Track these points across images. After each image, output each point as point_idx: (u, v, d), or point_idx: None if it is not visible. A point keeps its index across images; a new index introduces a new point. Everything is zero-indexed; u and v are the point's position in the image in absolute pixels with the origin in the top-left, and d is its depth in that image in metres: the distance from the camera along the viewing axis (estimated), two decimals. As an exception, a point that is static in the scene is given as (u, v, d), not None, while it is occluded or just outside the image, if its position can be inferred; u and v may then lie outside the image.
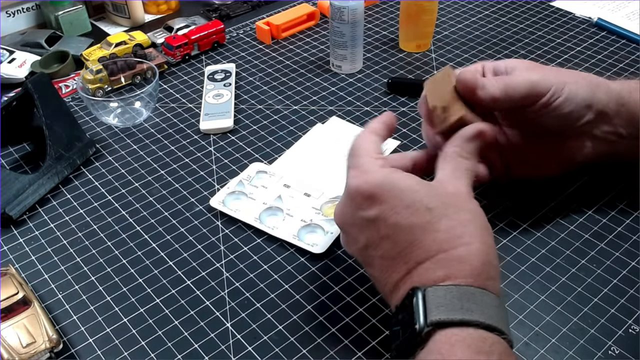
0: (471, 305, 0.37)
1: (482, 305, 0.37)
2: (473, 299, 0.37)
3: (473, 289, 0.38)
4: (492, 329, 0.37)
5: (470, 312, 0.37)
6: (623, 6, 0.95)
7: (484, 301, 0.38)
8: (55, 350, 0.46)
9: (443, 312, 0.37)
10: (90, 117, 0.74)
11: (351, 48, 0.79)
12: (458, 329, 0.36)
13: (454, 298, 0.37)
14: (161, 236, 0.58)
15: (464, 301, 0.37)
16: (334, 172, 0.64)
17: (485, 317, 0.37)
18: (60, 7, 0.90)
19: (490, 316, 0.37)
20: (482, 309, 0.37)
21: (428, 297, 0.38)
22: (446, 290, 0.38)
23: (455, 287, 0.38)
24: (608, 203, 0.59)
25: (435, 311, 0.37)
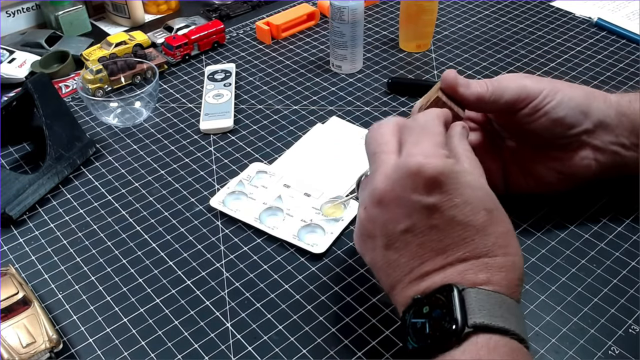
0: (509, 316, 0.37)
1: (517, 316, 0.38)
2: (510, 309, 0.37)
3: (510, 300, 0.38)
4: (522, 341, 0.37)
5: (509, 321, 0.37)
6: (623, 6, 0.95)
7: (518, 313, 0.38)
8: (55, 350, 0.46)
9: (486, 316, 0.36)
10: (90, 117, 0.74)
11: (351, 48, 0.79)
12: (498, 335, 0.36)
13: (495, 304, 0.37)
14: (161, 236, 0.58)
15: (504, 309, 0.37)
16: (334, 172, 0.64)
17: (520, 329, 0.37)
18: (60, 7, 0.90)
19: (523, 329, 0.38)
20: (517, 320, 0.37)
21: (469, 298, 0.37)
22: (488, 295, 0.37)
23: (497, 294, 0.38)
24: (608, 203, 0.59)
25: (478, 313, 0.36)
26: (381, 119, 0.72)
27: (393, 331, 0.48)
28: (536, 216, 0.58)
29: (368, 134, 0.45)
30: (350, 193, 0.61)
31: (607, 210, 0.58)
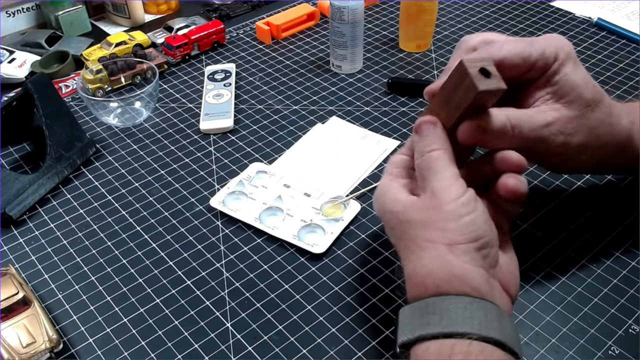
0: (432, 318, 0.38)
1: (441, 314, 0.38)
2: (434, 310, 0.38)
3: (431, 299, 0.39)
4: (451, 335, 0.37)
5: (428, 325, 0.38)
6: (623, 6, 0.95)
7: (443, 308, 0.38)
8: (55, 350, 0.46)
9: (407, 332, 0.39)
10: (90, 117, 0.74)
11: (351, 48, 0.79)
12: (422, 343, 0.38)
13: (416, 314, 0.39)
14: (161, 236, 0.58)
15: (425, 314, 0.39)
16: (334, 172, 0.64)
17: (443, 326, 0.37)
18: (60, 7, 0.90)
19: (448, 324, 0.37)
20: (439, 319, 0.38)
21: (399, 319, 0.40)
22: (411, 307, 0.40)
23: (418, 301, 0.40)
24: (608, 202, 0.59)
25: (401, 332, 0.39)
26: (381, 119, 0.72)
27: (393, 331, 0.48)
28: (536, 217, 0.58)
29: None
30: (350, 193, 0.61)
31: (607, 211, 0.58)
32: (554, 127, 0.46)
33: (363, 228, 0.58)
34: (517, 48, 0.46)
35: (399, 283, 0.52)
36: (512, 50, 0.46)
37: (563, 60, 0.46)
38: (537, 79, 0.47)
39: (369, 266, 0.54)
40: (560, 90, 0.46)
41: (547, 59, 0.46)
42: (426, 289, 0.40)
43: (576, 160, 0.49)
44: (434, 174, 0.42)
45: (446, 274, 0.39)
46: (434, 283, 0.39)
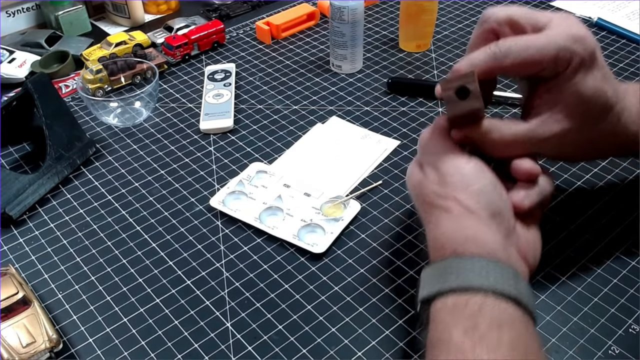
0: (450, 276, 0.40)
1: (458, 272, 0.40)
2: (450, 269, 0.41)
3: (451, 260, 0.42)
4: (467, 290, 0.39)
5: (446, 281, 0.40)
6: (623, 6, 0.95)
7: (461, 267, 0.41)
8: (55, 350, 0.46)
9: (426, 289, 0.41)
10: (90, 117, 0.74)
11: (351, 48, 0.79)
12: (441, 298, 0.40)
13: (435, 273, 0.42)
14: (161, 236, 0.58)
15: (444, 273, 0.41)
16: (334, 172, 0.64)
17: (459, 281, 0.40)
18: (60, 7, 0.90)
19: (466, 279, 0.40)
20: (456, 276, 0.40)
21: (421, 279, 0.43)
22: (430, 269, 0.43)
23: (438, 262, 0.42)
24: (608, 202, 0.59)
25: (421, 290, 0.42)
26: (381, 119, 0.72)
27: (393, 331, 0.48)
28: (536, 216, 0.58)
29: None
30: (350, 193, 0.61)
31: (607, 211, 0.58)
32: (553, 140, 0.46)
33: (363, 228, 0.58)
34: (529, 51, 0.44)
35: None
36: (522, 54, 0.44)
37: (575, 67, 0.44)
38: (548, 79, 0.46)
39: (369, 266, 0.54)
40: (566, 100, 0.45)
41: (558, 67, 0.44)
42: (445, 252, 0.42)
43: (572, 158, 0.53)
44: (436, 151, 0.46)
45: (463, 238, 0.42)
46: (451, 246, 0.42)
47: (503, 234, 0.43)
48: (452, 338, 0.37)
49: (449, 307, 0.39)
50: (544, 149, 0.47)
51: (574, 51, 0.44)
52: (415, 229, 0.57)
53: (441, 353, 0.37)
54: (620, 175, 0.62)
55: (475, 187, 0.43)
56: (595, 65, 0.45)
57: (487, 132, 0.46)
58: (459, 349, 0.37)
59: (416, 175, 0.47)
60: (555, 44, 0.43)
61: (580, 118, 0.45)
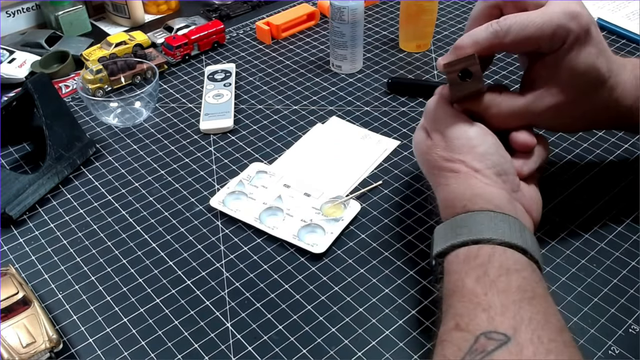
0: (461, 230, 0.43)
1: (469, 226, 0.43)
2: (462, 224, 0.44)
3: (460, 216, 0.45)
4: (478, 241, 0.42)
5: (459, 235, 0.43)
6: (623, 6, 0.95)
7: (472, 221, 0.44)
8: (55, 350, 0.46)
9: (440, 244, 0.44)
10: (90, 117, 0.74)
11: (351, 48, 0.79)
12: (454, 251, 0.43)
13: (447, 231, 0.45)
14: (161, 236, 0.58)
15: (455, 228, 0.44)
16: (334, 172, 0.64)
17: (471, 234, 0.43)
18: (60, 7, 0.90)
19: (477, 231, 0.43)
20: (468, 230, 0.43)
21: (434, 236, 0.46)
22: (443, 225, 0.46)
23: (449, 220, 0.46)
24: (608, 203, 0.59)
25: (435, 245, 0.45)
26: (381, 119, 0.72)
27: (393, 331, 0.48)
28: (536, 216, 0.58)
29: None
30: (350, 193, 0.61)
31: (607, 210, 0.58)
32: (549, 112, 0.49)
33: (363, 228, 0.58)
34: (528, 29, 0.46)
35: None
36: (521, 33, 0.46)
37: (570, 44, 0.46)
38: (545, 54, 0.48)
39: (369, 266, 0.54)
40: (561, 75, 0.48)
41: (554, 44, 0.46)
42: (455, 209, 0.46)
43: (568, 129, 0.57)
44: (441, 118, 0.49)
45: (471, 194, 0.45)
46: (461, 203, 0.45)
47: (508, 190, 0.46)
48: (465, 285, 0.40)
49: (462, 259, 0.42)
50: (540, 121, 0.50)
51: (569, 28, 0.46)
52: (416, 229, 0.57)
53: (456, 299, 0.40)
54: (621, 176, 0.62)
55: (480, 148, 0.47)
56: (589, 41, 0.47)
57: (486, 107, 0.49)
58: (472, 294, 0.39)
59: (423, 141, 0.50)
60: (552, 22, 0.45)
61: (573, 92, 0.48)
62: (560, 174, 0.62)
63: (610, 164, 0.63)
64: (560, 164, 0.63)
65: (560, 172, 0.63)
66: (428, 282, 0.52)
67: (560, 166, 0.63)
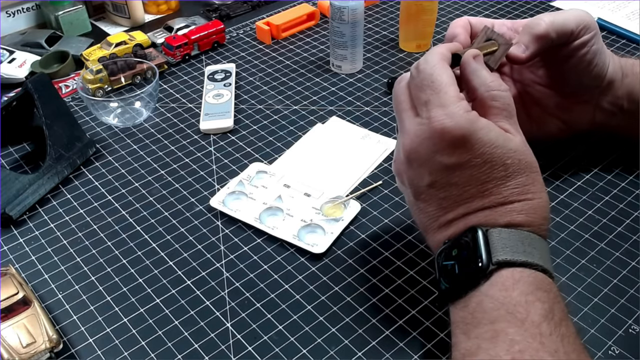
0: (532, 250, 0.39)
1: (541, 250, 0.40)
2: (533, 244, 0.40)
3: (533, 235, 0.40)
4: (547, 272, 0.40)
5: (531, 255, 0.39)
6: (623, 6, 0.95)
7: (542, 247, 0.40)
8: (55, 350, 0.46)
9: (508, 252, 0.39)
10: (90, 117, 0.74)
11: (351, 48, 0.79)
12: (521, 268, 0.39)
13: (517, 241, 0.40)
14: (161, 236, 0.58)
15: (526, 245, 0.40)
16: (334, 172, 0.64)
17: (544, 261, 0.40)
18: (60, 7, 0.90)
19: (547, 260, 0.40)
20: (541, 253, 0.40)
21: (492, 238, 0.40)
22: (510, 232, 0.40)
23: (518, 231, 0.40)
24: (608, 203, 0.59)
25: (501, 251, 0.39)
26: (381, 119, 0.72)
27: (393, 331, 0.48)
28: (536, 216, 0.58)
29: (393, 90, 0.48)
30: (350, 193, 0.61)
31: (607, 210, 0.58)
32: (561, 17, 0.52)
33: (363, 228, 0.58)
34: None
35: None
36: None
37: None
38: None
39: (369, 266, 0.54)
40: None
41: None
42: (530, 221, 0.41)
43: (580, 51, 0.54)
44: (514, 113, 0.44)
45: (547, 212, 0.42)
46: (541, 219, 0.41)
47: None
48: (530, 316, 0.37)
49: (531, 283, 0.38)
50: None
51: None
52: (416, 229, 0.57)
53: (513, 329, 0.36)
54: (620, 176, 0.62)
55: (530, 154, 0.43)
56: None
57: None
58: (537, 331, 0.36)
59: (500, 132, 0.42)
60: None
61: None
62: (560, 174, 0.62)
63: (610, 164, 0.63)
64: (560, 164, 0.63)
65: (560, 172, 0.63)
66: (428, 282, 0.52)
67: (560, 166, 0.63)
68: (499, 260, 0.39)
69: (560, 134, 0.60)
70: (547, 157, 0.64)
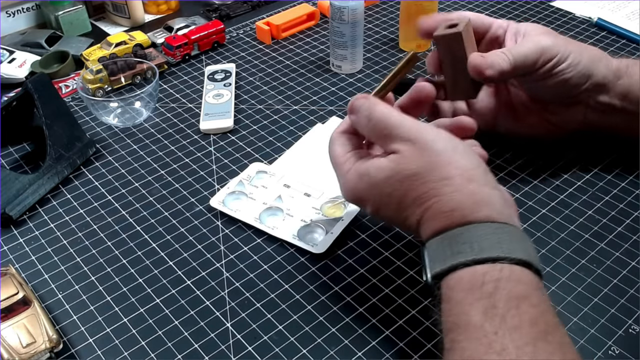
0: (461, 247, 0.39)
1: (470, 242, 0.39)
2: (461, 240, 0.40)
3: (459, 230, 0.40)
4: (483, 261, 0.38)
5: (460, 254, 0.39)
6: (623, 6, 0.95)
7: (472, 237, 0.40)
8: (55, 350, 0.46)
9: (438, 263, 0.40)
10: (90, 117, 0.74)
11: (351, 48, 0.79)
12: (455, 273, 0.39)
13: (445, 246, 0.40)
14: (161, 236, 0.58)
15: (454, 245, 0.40)
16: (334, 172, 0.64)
17: (474, 252, 0.39)
18: (60, 7, 0.90)
19: (481, 249, 0.39)
20: (469, 246, 0.39)
21: (427, 252, 0.42)
22: (439, 241, 0.41)
23: (445, 234, 0.41)
24: (608, 203, 0.59)
25: (432, 264, 0.41)
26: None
27: (393, 331, 0.48)
28: (536, 216, 0.58)
29: None
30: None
31: (607, 210, 0.58)
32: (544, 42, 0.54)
33: (363, 228, 0.58)
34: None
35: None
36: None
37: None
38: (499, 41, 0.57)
39: (369, 266, 0.54)
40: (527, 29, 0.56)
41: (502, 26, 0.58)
42: (452, 221, 0.41)
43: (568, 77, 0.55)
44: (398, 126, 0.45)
45: (472, 203, 0.41)
46: (461, 214, 0.41)
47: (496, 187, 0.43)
48: (472, 320, 0.36)
49: (465, 286, 0.38)
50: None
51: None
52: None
53: (463, 336, 0.37)
54: (620, 176, 0.62)
55: (461, 147, 0.44)
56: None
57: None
58: (481, 331, 0.36)
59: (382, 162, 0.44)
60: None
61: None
62: (560, 174, 0.62)
63: (610, 164, 0.63)
64: (560, 164, 0.63)
65: (560, 172, 0.63)
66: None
67: (560, 166, 0.63)
68: (433, 274, 0.40)
69: (551, 134, 0.61)
70: (547, 157, 0.64)
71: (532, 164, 0.63)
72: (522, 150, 0.64)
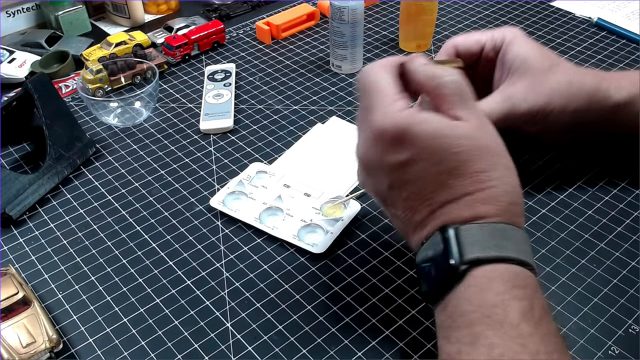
0: (504, 242, 0.38)
1: (514, 241, 0.39)
2: (505, 235, 0.38)
3: (504, 226, 0.39)
4: (524, 264, 0.38)
5: (503, 248, 0.38)
6: (623, 6, 0.95)
7: (515, 237, 0.39)
8: (55, 350, 0.46)
9: (478, 249, 0.38)
10: (90, 117, 0.74)
11: (351, 48, 0.79)
12: (493, 265, 0.37)
13: (487, 235, 0.38)
14: (161, 236, 0.58)
15: (497, 238, 0.38)
16: (334, 172, 0.64)
17: (518, 253, 0.38)
18: (60, 7, 0.90)
19: (522, 251, 0.38)
20: (514, 245, 0.38)
21: (462, 235, 0.38)
22: (479, 227, 0.38)
23: (487, 224, 0.39)
24: (608, 203, 0.59)
25: (470, 249, 0.38)
26: (381, 119, 0.72)
27: (393, 331, 0.48)
28: (536, 216, 0.58)
29: None
30: (350, 193, 0.61)
31: (607, 210, 0.58)
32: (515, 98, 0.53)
33: (363, 228, 0.58)
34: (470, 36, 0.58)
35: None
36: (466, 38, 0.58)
37: (510, 39, 0.55)
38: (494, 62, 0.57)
39: (369, 266, 0.54)
40: (512, 65, 0.54)
41: (495, 41, 0.56)
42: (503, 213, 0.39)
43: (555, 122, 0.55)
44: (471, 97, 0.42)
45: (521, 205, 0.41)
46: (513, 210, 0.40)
47: None
48: (509, 317, 0.35)
49: (506, 279, 0.37)
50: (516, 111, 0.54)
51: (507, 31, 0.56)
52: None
53: (491, 332, 0.35)
54: (620, 176, 0.62)
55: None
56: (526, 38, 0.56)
57: None
58: (516, 332, 0.35)
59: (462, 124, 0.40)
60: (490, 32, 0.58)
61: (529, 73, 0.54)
62: (560, 174, 0.62)
63: (609, 164, 0.63)
64: (560, 164, 0.63)
65: (560, 172, 0.63)
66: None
67: (560, 166, 0.63)
68: (470, 258, 0.37)
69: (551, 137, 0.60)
70: (547, 157, 0.64)
71: (532, 164, 0.63)
72: (522, 150, 0.64)
